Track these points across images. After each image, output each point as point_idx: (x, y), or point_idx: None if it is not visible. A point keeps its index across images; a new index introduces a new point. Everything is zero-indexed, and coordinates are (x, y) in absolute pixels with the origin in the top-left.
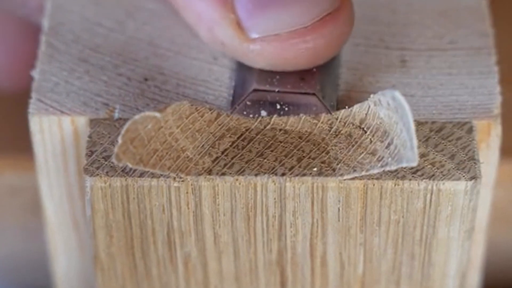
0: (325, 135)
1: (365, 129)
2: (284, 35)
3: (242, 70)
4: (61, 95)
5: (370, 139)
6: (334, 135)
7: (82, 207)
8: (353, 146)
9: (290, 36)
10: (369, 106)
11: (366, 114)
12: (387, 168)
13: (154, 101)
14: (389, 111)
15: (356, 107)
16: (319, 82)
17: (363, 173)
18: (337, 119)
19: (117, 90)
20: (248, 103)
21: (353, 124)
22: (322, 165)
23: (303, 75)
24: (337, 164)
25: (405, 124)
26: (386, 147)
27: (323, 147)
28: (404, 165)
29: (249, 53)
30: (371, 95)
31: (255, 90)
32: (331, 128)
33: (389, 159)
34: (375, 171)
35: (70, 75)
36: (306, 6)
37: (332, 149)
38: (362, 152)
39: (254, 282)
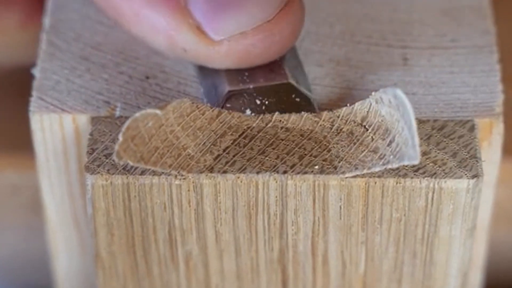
0: (326, 133)
1: (366, 126)
2: (250, 32)
3: (208, 75)
4: (62, 93)
5: (372, 137)
6: (335, 133)
7: (83, 206)
8: (354, 144)
9: (256, 32)
10: (371, 104)
11: (367, 112)
12: (389, 166)
13: (155, 99)
14: (391, 109)
15: (357, 105)
16: (288, 69)
17: (365, 171)
18: (338, 117)
19: (118, 88)
20: (228, 105)
21: (354, 122)
22: (324, 163)
23: (271, 66)
24: (339, 162)
25: (406, 122)
26: (388, 145)
27: (325, 145)
28: (406, 163)
29: (214, 55)
30: (373, 93)
31: (229, 92)
32: (333, 126)
33: (391, 157)
34: (377, 169)
35: (71, 73)
36: (264, 1)
37: (333, 147)
38: (364, 150)
39: (256, 280)
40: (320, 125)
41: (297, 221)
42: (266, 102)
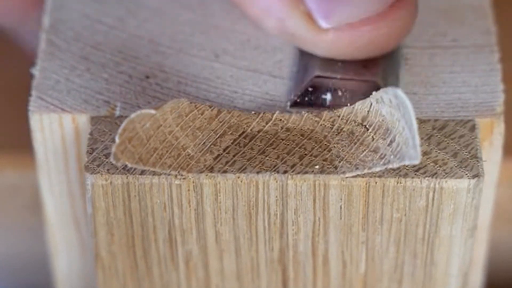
0: (327, 133)
1: (367, 126)
2: (357, 23)
3: (304, 57)
4: (61, 93)
5: (372, 136)
6: (336, 133)
7: (83, 205)
8: (355, 143)
9: (363, 23)
10: (371, 104)
11: (368, 112)
12: (390, 166)
13: (155, 99)
14: (391, 108)
15: (358, 104)
16: (382, 70)
17: (365, 171)
18: (339, 116)
19: (118, 88)
20: (310, 89)
21: (355, 122)
22: (324, 162)
23: (366, 62)
24: (339, 162)
25: (407, 122)
26: (388, 145)
27: (325, 144)
28: (406, 163)
29: (320, 43)
30: (373, 93)
31: (317, 77)
32: (333, 125)
33: (391, 156)
34: (378, 168)
35: (71, 72)
36: None
37: (334, 146)
38: (364, 150)
39: (256, 280)
40: (321, 125)
41: (298, 221)
42: (347, 96)
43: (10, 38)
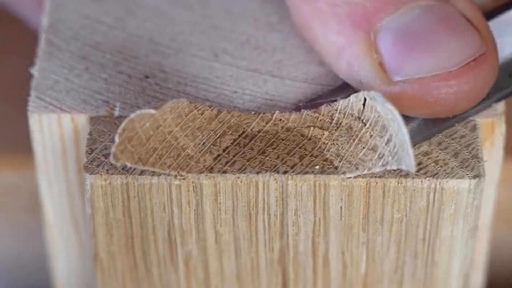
0: (326, 128)
1: (364, 121)
2: (426, 79)
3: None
4: (60, 93)
5: (370, 133)
6: (335, 127)
7: (82, 206)
8: (354, 140)
9: (433, 79)
10: (365, 99)
11: (363, 105)
12: (388, 167)
13: (154, 99)
14: (385, 108)
15: (352, 97)
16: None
17: (365, 171)
18: (337, 110)
19: (118, 88)
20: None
21: (352, 115)
22: (325, 163)
23: None
24: (339, 162)
25: (399, 128)
26: (386, 144)
27: (325, 143)
28: (403, 167)
29: (387, 94)
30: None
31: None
32: (332, 120)
33: (390, 157)
34: (377, 169)
35: (70, 72)
36: (453, 51)
37: (333, 144)
38: (363, 148)
39: (256, 281)
40: (320, 120)
41: (298, 221)
42: None
43: (11, 12)
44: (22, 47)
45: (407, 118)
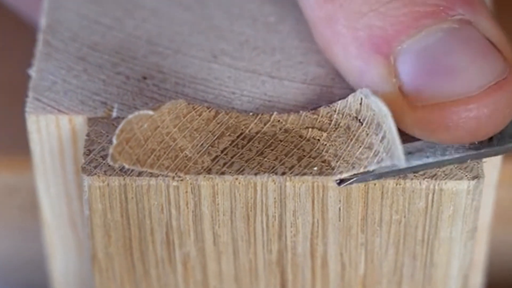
0: (325, 129)
1: (361, 120)
2: (446, 103)
3: None
4: (58, 94)
5: (366, 131)
6: (334, 128)
7: (79, 207)
8: (351, 139)
9: (452, 104)
10: (362, 98)
11: (360, 105)
12: (383, 164)
13: (152, 100)
14: (377, 104)
15: (350, 97)
16: None
17: (361, 169)
18: (335, 111)
19: (116, 89)
20: None
21: (350, 116)
22: (323, 164)
23: None
24: (337, 162)
25: (390, 124)
26: (381, 141)
27: (323, 144)
28: (395, 162)
29: (406, 120)
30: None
31: None
32: (331, 121)
33: (384, 154)
34: (372, 167)
35: (67, 73)
36: (474, 76)
37: (332, 145)
38: (360, 146)
39: (254, 282)
40: (319, 121)
41: (296, 223)
42: None
43: (10, 9)
44: (20, 47)
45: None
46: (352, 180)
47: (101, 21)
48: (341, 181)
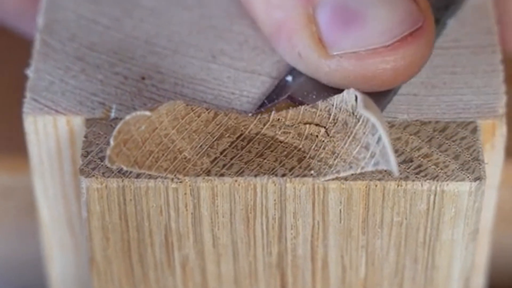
0: (324, 124)
1: (357, 117)
2: (363, 54)
3: (296, 75)
4: (56, 94)
5: (363, 130)
6: (333, 123)
7: (77, 209)
8: (349, 137)
9: (369, 54)
10: (356, 95)
11: (355, 101)
12: (379, 167)
13: (151, 100)
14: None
15: (345, 93)
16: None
17: (359, 170)
18: (333, 105)
19: (114, 89)
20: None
21: (347, 111)
22: (320, 163)
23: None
24: (334, 159)
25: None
26: (377, 142)
27: (321, 141)
28: (391, 169)
29: (324, 68)
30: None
31: (289, 97)
32: (330, 115)
33: (380, 157)
34: (369, 168)
35: (65, 73)
36: (388, 25)
37: (330, 141)
38: (357, 145)
39: (254, 285)
40: (319, 115)
41: (296, 225)
42: None
43: (10, 29)
44: (18, 47)
45: None
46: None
47: (99, 21)
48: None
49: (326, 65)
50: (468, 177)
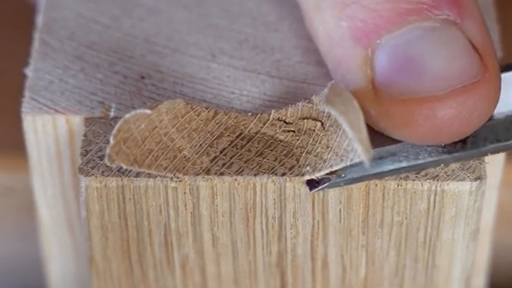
0: (321, 118)
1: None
2: (411, 100)
3: None
4: (55, 94)
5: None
6: (327, 116)
7: (76, 208)
8: (340, 129)
9: (417, 101)
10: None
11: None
12: (353, 161)
13: (151, 100)
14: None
15: (330, 84)
16: None
17: (348, 162)
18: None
19: (113, 88)
20: None
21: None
22: (315, 158)
23: None
24: (328, 153)
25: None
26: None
27: (318, 135)
28: (363, 163)
29: (371, 111)
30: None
31: None
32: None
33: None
34: (357, 160)
35: (64, 73)
36: (444, 76)
37: (325, 134)
38: (347, 138)
39: (254, 285)
40: (315, 110)
41: (296, 224)
42: None
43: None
44: (16, 47)
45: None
46: (324, 185)
47: (98, 20)
48: (312, 186)
49: (373, 108)
50: (468, 176)
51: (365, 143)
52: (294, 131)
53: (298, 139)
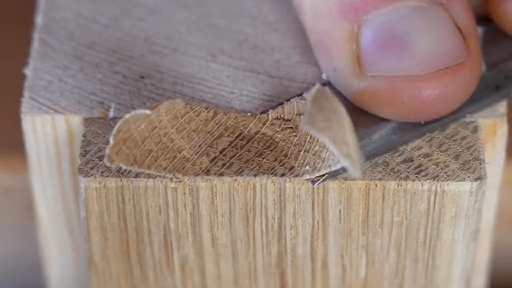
0: (316, 112)
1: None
2: (395, 78)
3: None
4: (54, 94)
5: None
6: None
7: (76, 209)
8: (337, 122)
9: (401, 79)
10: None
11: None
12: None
13: (150, 100)
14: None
15: (316, 90)
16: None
17: (346, 164)
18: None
19: (113, 88)
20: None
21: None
22: (315, 157)
23: None
24: (326, 153)
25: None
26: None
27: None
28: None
29: (353, 86)
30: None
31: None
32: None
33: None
34: (338, 166)
35: (64, 73)
36: (428, 55)
37: (322, 130)
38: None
39: (253, 285)
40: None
41: (296, 224)
42: None
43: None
44: (16, 47)
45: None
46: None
47: (98, 20)
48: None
49: (356, 83)
50: (468, 177)
51: (352, 154)
52: (292, 128)
53: (295, 136)
